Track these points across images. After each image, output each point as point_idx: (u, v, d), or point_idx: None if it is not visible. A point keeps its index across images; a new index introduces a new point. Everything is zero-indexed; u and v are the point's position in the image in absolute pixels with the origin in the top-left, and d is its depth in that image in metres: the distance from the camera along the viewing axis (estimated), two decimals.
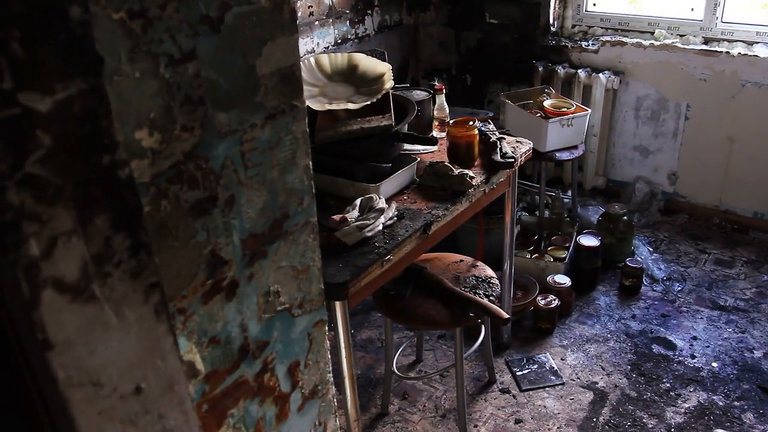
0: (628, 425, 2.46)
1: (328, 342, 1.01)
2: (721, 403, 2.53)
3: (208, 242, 0.74)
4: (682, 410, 2.52)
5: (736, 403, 2.53)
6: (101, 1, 0.56)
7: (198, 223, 0.73)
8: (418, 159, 2.16)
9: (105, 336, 0.51)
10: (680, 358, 2.77)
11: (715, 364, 2.73)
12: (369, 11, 3.77)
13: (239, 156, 0.75)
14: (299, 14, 3.26)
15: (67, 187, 0.46)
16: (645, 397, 2.57)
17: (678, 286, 3.24)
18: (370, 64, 2.26)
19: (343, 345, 1.75)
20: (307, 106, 1.98)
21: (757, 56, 3.28)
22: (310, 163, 0.86)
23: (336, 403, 1.08)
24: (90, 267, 0.48)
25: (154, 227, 0.68)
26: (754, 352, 2.80)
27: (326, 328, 0.99)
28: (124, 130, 0.62)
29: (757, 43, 3.39)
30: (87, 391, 0.51)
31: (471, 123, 2.20)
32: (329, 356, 1.02)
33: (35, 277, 0.45)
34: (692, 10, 3.50)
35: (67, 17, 0.43)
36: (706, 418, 2.48)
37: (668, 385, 2.63)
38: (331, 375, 1.03)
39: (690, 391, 2.59)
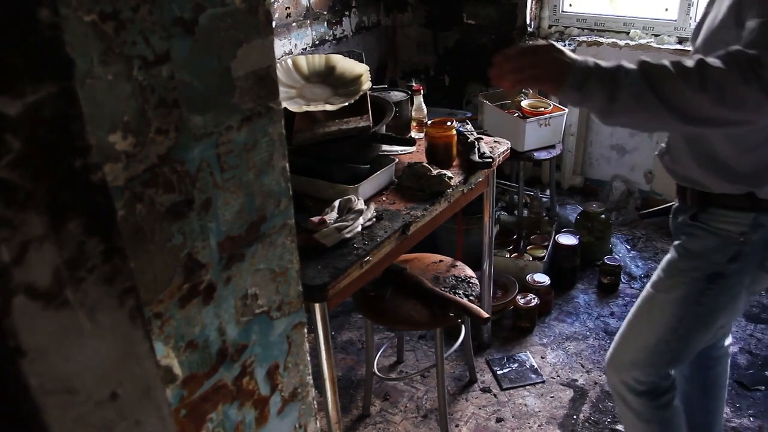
0: (608, 422, 2.48)
1: (307, 344, 1.01)
2: None
3: (184, 246, 0.74)
4: None
5: None
6: (72, 3, 0.56)
7: (174, 227, 0.72)
8: (397, 160, 2.17)
9: (79, 342, 0.51)
10: None
11: None
12: (347, 12, 3.77)
13: (215, 158, 0.75)
14: (276, 15, 3.25)
15: (39, 191, 0.45)
16: None
17: None
18: (347, 65, 2.26)
19: (323, 347, 1.75)
20: (285, 107, 1.98)
21: None
22: (287, 165, 0.86)
23: (316, 406, 1.07)
24: (63, 272, 0.47)
25: (129, 231, 0.67)
26: (731, 347, 2.83)
27: (305, 330, 0.99)
28: (97, 133, 0.61)
29: None
30: (61, 398, 0.50)
31: (449, 123, 2.21)
32: (309, 358, 1.02)
33: (6, 284, 0.44)
34: (666, 10, 3.54)
35: (36, 20, 0.42)
36: None
37: None
38: (310, 377, 1.03)
39: None
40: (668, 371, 1.73)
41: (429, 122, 2.31)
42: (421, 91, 2.49)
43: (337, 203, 1.87)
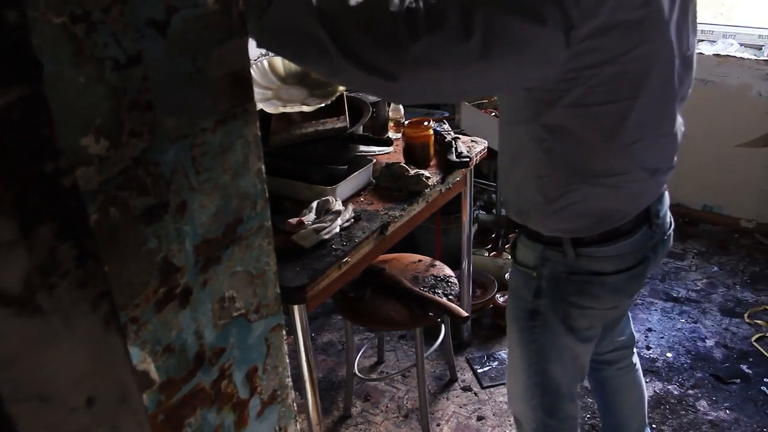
0: (588, 417, 2.50)
1: (286, 346, 1.01)
2: (676, 392, 2.59)
3: (159, 249, 0.73)
4: None
5: (690, 391, 2.60)
6: (41, 5, 0.55)
7: (149, 230, 0.71)
8: (374, 160, 2.17)
9: (52, 348, 0.50)
10: (636, 350, 2.83)
11: (669, 355, 2.80)
12: None
13: (190, 161, 0.74)
14: None
15: (8, 196, 0.44)
16: None
17: None
18: None
19: (302, 349, 1.74)
20: (261, 109, 1.97)
21: (702, 54, 3.37)
22: (263, 166, 0.85)
23: (297, 408, 1.07)
24: (34, 278, 0.47)
25: (103, 235, 0.66)
26: (706, 341, 2.87)
27: (284, 332, 0.99)
28: (69, 136, 0.61)
29: (702, 41, 3.48)
30: (35, 405, 0.49)
31: (426, 123, 2.22)
32: (288, 361, 1.01)
33: None
34: None
35: (3, 22, 0.41)
36: (662, 407, 2.53)
37: None
38: (290, 380, 1.02)
39: (646, 382, 2.63)
40: (553, 405, 1.68)
41: (406, 122, 2.32)
42: None
43: (314, 204, 1.87)
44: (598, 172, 1.35)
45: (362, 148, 2.24)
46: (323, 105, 2.07)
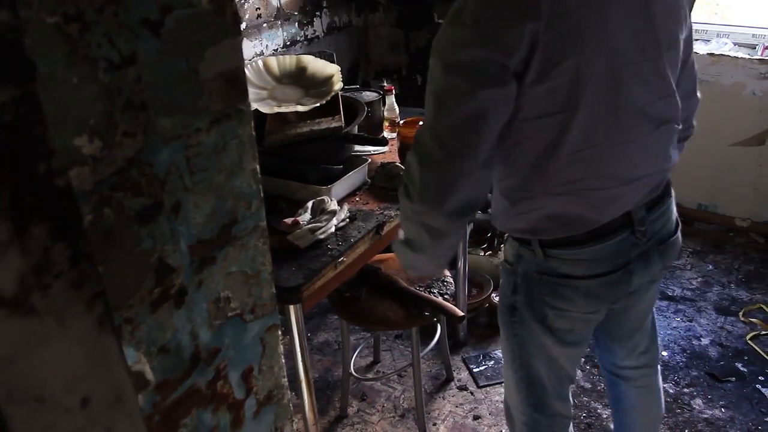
0: (583, 416, 2.50)
1: (282, 346, 1.01)
2: (671, 391, 2.60)
3: (154, 250, 0.73)
4: None
5: (685, 390, 2.61)
6: (34, 5, 0.55)
7: (143, 231, 0.71)
8: (369, 160, 2.17)
9: (47, 349, 0.50)
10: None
11: (665, 353, 2.81)
12: (318, 13, 3.76)
13: (184, 161, 0.74)
14: (247, 16, 3.23)
15: (1, 196, 0.44)
16: (599, 388, 2.62)
17: None
18: (319, 65, 2.25)
19: (298, 348, 1.74)
20: (256, 109, 1.97)
21: (696, 53, 3.38)
22: (258, 166, 0.85)
23: (293, 408, 1.07)
24: (28, 279, 0.46)
25: (97, 236, 0.66)
26: (702, 339, 2.88)
27: (280, 332, 0.99)
28: (62, 137, 0.60)
29: (697, 40, 3.49)
30: (29, 406, 0.49)
31: (421, 123, 2.21)
32: (284, 361, 1.01)
33: None
34: None
35: None
36: None
37: None
38: (286, 380, 1.02)
39: None
40: (539, 401, 1.68)
41: (401, 122, 2.32)
42: (393, 91, 2.50)
43: (310, 204, 1.87)
44: (551, 180, 1.36)
45: (357, 147, 2.24)
46: (318, 105, 2.07)
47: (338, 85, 2.15)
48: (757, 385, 2.60)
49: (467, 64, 1.22)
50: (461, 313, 2.20)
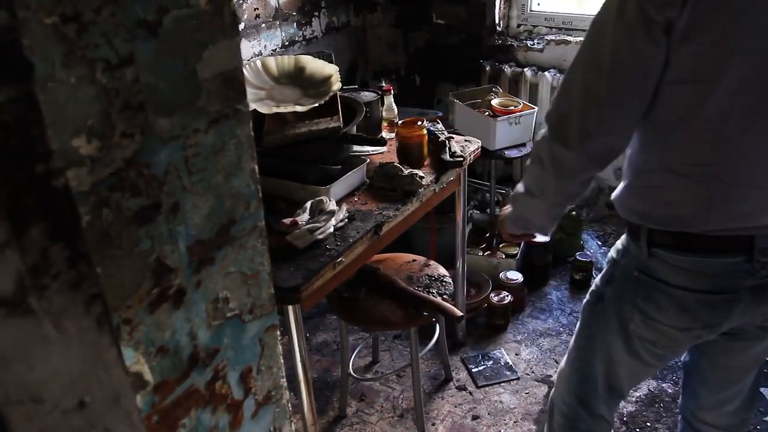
0: None
1: (281, 347, 1.01)
2: (670, 390, 2.60)
3: (152, 250, 0.73)
4: (634, 399, 2.58)
5: None
6: (31, 6, 0.54)
7: (142, 231, 0.71)
8: (368, 160, 2.17)
9: (45, 350, 0.50)
10: None
11: None
12: (316, 13, 3.76)
13: (183, 161, 0.74)
14: (245, 16, 3.23)
15: (0, 197, 0.44)
16: None
17: None
18: (317, 66, 2.25)
19: (297, 349, 1.74)
20: (255, 109, 1.97)
21: None
22: (256, 167, 0.85)
23: (292, 408, 1.07)
24: (26, 279, 0.46)
25: (95, 236, 0.66)
26: None
27: (278, 332, 0.99)
28: (60, 137, 0.60)
29: None
30: (27, 408, 0.49)
31: (419, 123, 2.22)
32: (282, 361, 1.01)
33: None
34: None
35: None
36: (656, 405, 2.54)
37: None
38: (284, 380, 1.02)
39: None
40: (587, 397, 1.66)
41: (400, 122, 2.32)
42: (392, 91, 2.50)
43: (308, 204, 1.87)
44: (677, 155, 1.31)
45: (356, 148, 2.24)
46: (317, 105, 2.07)
47: (337, 85, 2.15)
48: None
49: (625, 10, 1.20)
50: (460, 314, 2.21)
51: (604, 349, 1.56)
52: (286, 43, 3.56)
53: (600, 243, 3.58)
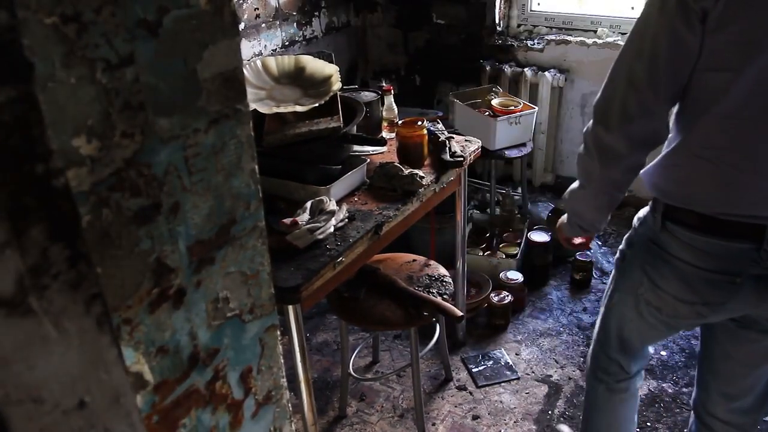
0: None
1: (281, 347, 1.01)
2: (670, 390, 2.60)
3: (152, 250, 0.73)
4: None
5: (684, 389, 2.61)
6: (31, 6, 0.55)
7: (142, 231, 0.71)
8: (368, 160, 2.17)
9: (45, 350, 0.50)
10: None
11: (663, 353, 2.81)
12: (316, 13, 3.76)
13: (183, 161, 0.74)
14: (245, 16, 3.23)
15: (0, 197, 0.44)
16: None
17: None
18: (317, 66, 2.25)
19: (297, 349, 1.74)
20: (255, 109, 1.97)
21: None
22: (256, 167, 0.85)
23: (292, 408, 1.07)
24: (26, 280, 0.46)
25: (95, 236, 0.66)
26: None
27: (279, 332, 0.99)
28: (60, 137, 0.60)
29: None
30: (27, 408, 0.49)
31: (419, 123, 2.22)
32: (282, 361, 1.01)
33: None
34: (632, 8, 3.59)
35: None
36: (656, 405, 2.54)
37: None
38: (285, 380, 1.02)
39: None
40: (606, 342, 1.81)
41: (400, 122, 2.32)
42: (392, 91, 2.50)
43: (308, 204, 1.87)
44: (698, 139, 1.39)
45: (356, 147, 2.23)
46: (317, 105, 2.07)
47: (337, 85, 2.15)
48: None
49: (669, 2, 1.29)
50: (460, 314, 2.20)
51: (619, 303, 1.71)
52: (286, 43, 3.56)
53: (600, 243, 3.58)
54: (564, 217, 1.78)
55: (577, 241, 1.85)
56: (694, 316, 1.54)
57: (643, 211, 1.61)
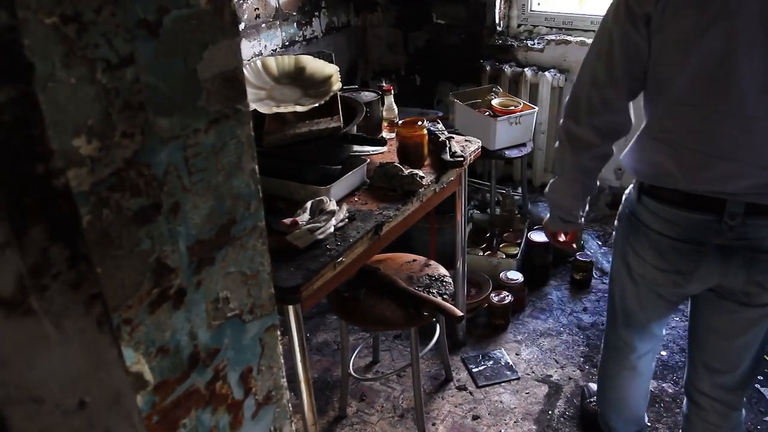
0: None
1: (281, 347, 1.01)
2: (670, 390, 2.60)
3: (153, 250, 0.73)
4: None
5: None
6: (31, 6, 0.55)
7: (142, 231, 0.71)
8: (368, 160, 2.17)
9: (45, 350, 0.50)
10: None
11: (664, 353, 2.81)
12: (316, 13, 3.76)
13: (183, 161, 0.74)
14: (245, 16, 3.23)
15: (0, 197, 0.44)
16: None
17: None
18: (317, 66, 2.25)
19: (297, 349, 1.74)
20: (255, 109, 1.97)
21: None
22: (257, 167, 0.85)
23: (292, 408, 1.07)
24: (26, 280, 0.46)
25: (95, 236, 0.66)
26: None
27: (279, 332, 0.99)
28: (60, 137, 0.60)
29: None
30: (27, 408, 0.49)
31: (420, 123, 2.22)
32: (282, 361, 1.01)
33: None
34: None
35: None
36: (657, 405, 2.54)
37: None
38: (285, 380, 1.02)
39: None
40: (611, 316, 1.98)
41: (400, 122, 2.32)
42: (392, 91, 2.49)
43: (309, 204, 1.87)
44: (654, 123, 1.58)
45: (356, 147, 2.23)
46: (317, 105, 2.07)
47: (337, 85, 2.15)
48: (756, 385, 2.60)
49: (617, 9, 1.51)
50: (460, 313, 2.20)
51: (617, 274, 1.86)
52: (287, 43, 3.56)
53: (600, 243, 3.58)
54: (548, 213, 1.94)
55: (562, 238, 1.98)
56: (671, 284, 1.69)
57: (628, 189, 1.78)
